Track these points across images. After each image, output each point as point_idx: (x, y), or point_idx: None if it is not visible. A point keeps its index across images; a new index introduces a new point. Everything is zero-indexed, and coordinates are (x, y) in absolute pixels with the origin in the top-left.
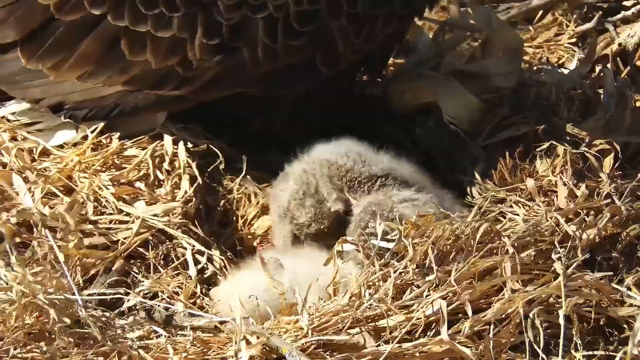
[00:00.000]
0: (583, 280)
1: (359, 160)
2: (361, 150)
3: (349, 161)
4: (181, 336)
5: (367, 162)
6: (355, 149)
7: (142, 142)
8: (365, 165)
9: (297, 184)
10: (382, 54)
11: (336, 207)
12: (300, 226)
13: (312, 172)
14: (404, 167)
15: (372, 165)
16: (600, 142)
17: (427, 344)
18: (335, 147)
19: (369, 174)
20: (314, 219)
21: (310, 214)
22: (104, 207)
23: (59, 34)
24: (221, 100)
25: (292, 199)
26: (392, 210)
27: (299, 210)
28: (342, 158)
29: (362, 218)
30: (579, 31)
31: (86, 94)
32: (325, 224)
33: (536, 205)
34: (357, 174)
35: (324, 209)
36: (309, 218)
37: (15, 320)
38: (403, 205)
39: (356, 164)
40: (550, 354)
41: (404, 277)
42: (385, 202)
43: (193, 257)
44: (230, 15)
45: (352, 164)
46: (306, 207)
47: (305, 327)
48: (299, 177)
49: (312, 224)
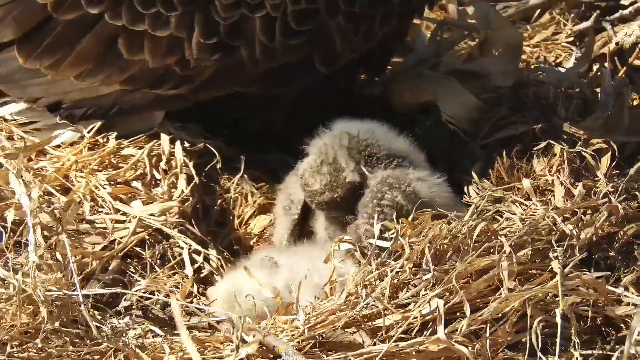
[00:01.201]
0: (580, 279)
1: (380, 138)
2: (383, 130)
3: (370, 137)
4: (177, 335)
5: (387, 141)
6: (377, 128)
7: (139, 141)
8: (385, 143)
9: (315, 155)
10: (382, 53)
11: (352, 178)
12: (313, 194)
13: (332, 143)
14: (420, 156)
15: (391, 145)
16: (597, 141)
17: (423, 343)
18: (358, 123)
19: (388, 152)
20: (329, 187)
21: (325, 181)
22: (100, 206)
23: (56, 33)
24: (219, 99)
25: (308, 168)
26: (410, 185)
27: (314, 177)
28: (363, 133)
29: (380, 189)
30: (576, 30)
31: (84, 93)
32: (338, 193)
33: (533, 204)
34: (376, 149)
35: (340, 177)
36: (323, 185)
37: (11, 319)
38: (418, 183)
39: (376, 140)
40: (547, 353)
41: (400, 276)
42: (403, 176)
43: (190, 257)
44: (228, 14)
45: (372, 140)
46: (322, 174)
47: (301, 326)
48: (318, 149)
49: (325, 192)
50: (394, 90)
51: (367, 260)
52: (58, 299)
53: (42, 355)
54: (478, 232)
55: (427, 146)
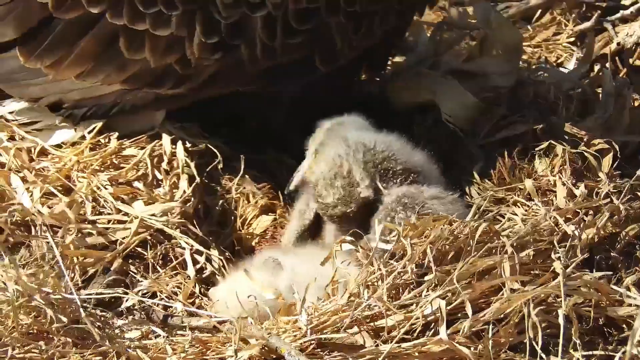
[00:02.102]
0: (582, 280)
1: (397, 151)
2: (400, 143)
3: (387, 150)
4: (179, 336)
5: (403, 155)
6: (394, 141)
7: (140, 141)
8: (401, 157)
9: (329, 166)
10: (383, 51)
11: (366, 194)
12: (325, 206)
13: (347, 156)
14: (434, 169)
15: (407, 159)
16: (598, 141)
17: (425, 344)
18: (374, 135)
19: (404, 167)
20: (342, 201)
21: (338, 195)
22: (102, 207)
23: (57, 33)
24: (219, 98)
25: (321, 179)
26: (424, 206)
27: (327, 190)
28: (380, 145)
29: (394, 208)
30: (577, 30)
31: (85, 93)
32: (351, 208)
33: (535, 205)
34: (392, 164)
35: (354, 192)
36: (336, 199)
37: (13, 320)
38: (433, 202)
39: (393, 154)
40: (549, 353)
41: (402, 277)
42: (417, 195)
43: (191, 257)
44: (229, 13)
45: (389, 153)
46: (335, 187)
47: (304, 327)
48: (332, 159)
49: (338, 206)
50: (392, 90)
51: (369, 260)
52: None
53: (44, 357)
54: (480, 232)
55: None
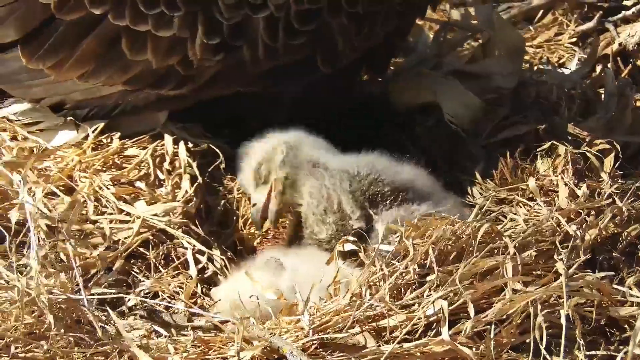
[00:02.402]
0: (584, 280)
1: (381, 171)
2: (383, 160)
3: (371, 172)
4: (182, 336)
5: (389, 174)
6: (376, 160)
7: (142, 141)
8: (387, 176)
9: (316, 199)
10: (385, 52)
11: (359, 225)
12: (319, 241)
13: (333, 187)
14: (425, 179)
15: (394, 178)
16: (601, 141)
17: (427, 344)
18: (355, 157)
19: (392, 187)
20: (335, 236)
21: (332, 231)
22: (104, 206)
23: (59, 34)
24: (221, 99)
25: (310, 214)
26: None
27: (319, 226)
28: (363, 169)
29: (386, 235)
30: (579, 31)
31: (87, 94)
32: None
33: (537, 205)
34: (379, 186)
35: (347, 226)
36: (329, 235)
37: (15, 320)
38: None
39: (378, 175)
40: (551, 354)
41: (405, 277)
42: (407, 216)
43: (193, 257)
44: (231, 14)
45: (374, 175)
46: (327, 223)
47: (306, 327)
48: (318, 191)
49: (332, 240)
50: (394, 90)
51: (371, 261)
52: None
53: (47, 356)
54: (482, 233)
55: (428, 146)
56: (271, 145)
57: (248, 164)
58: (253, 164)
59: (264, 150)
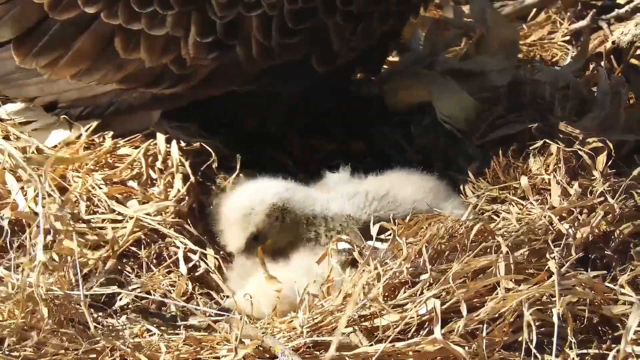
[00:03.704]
0: (577, 279)
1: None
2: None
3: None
4: (174, 334)
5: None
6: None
7: (135, 141)
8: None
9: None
10: (379, 52)
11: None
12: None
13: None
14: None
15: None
16: (593, 140)
17: (420, 343)
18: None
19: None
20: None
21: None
22: (96, 206)
23: (53, 33)
24: (215, 98)
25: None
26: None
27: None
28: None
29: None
30: (572, 29)
31: (81, 93)
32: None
33: (530, 204)
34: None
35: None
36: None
37: (8, 316)
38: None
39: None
40: (543, 352)
41: (398, 277)
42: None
43: (185, 256)
44: (225, 13)
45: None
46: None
47: (299, 327)
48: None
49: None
50: (388, 90)
51: (365, 261)
52: (56, 298)
53: (39, 354)
54: (475, 232)
55: (423, 146)
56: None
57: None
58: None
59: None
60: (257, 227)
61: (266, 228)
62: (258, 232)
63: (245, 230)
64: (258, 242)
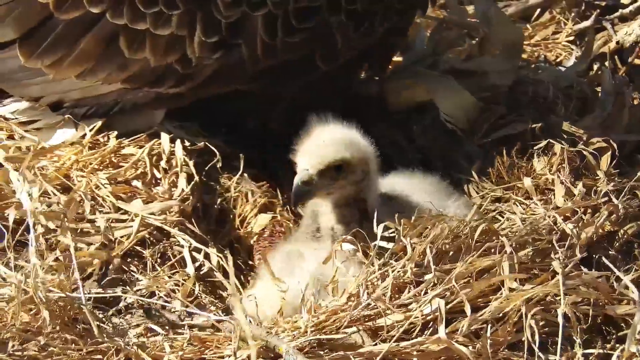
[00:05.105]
0: (581, 278)
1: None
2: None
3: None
4: (178, 334)
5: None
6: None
7: (139, 140)
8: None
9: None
10: (384, 51)
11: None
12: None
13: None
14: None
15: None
16: (597, 140)
17: (424, 343)
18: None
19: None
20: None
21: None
22: (101, 205)
23: (57, 32)
24: (218, 97)
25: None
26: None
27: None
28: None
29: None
30: (576, 29)
31: (85, 92)
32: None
33: (534, 203)
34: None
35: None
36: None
37: (12, 317)
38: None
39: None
40: (547, 352)
41: (402, 277)
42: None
43: (190, 255)
44: (229, 12)
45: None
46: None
47: (303, 326)
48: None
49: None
50: (390, 89)
51: (369, 260)
52: (60, 299)
53: (44, 354)
54: (479, 232)
55: (424, 145)
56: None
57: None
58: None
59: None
60: (347, 159)
61: (350, 167)
62: (345, 163)
63: (336, 153)
64: (336, 176)
